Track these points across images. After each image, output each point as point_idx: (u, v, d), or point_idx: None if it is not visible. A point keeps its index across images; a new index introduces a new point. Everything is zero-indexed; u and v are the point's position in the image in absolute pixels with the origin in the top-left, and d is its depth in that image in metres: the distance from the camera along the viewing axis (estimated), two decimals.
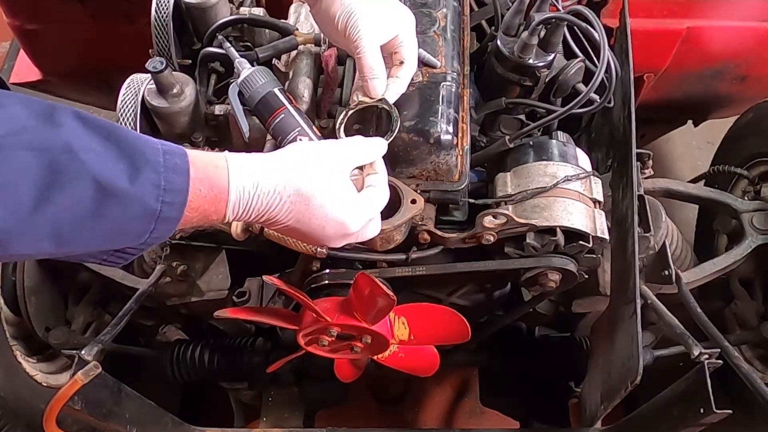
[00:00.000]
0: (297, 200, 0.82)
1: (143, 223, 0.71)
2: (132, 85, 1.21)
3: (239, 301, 1.35)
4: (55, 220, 0.65)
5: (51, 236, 0.66)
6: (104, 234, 0.70)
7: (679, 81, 1.86)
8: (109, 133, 0.69)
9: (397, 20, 1.03)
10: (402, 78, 1.05)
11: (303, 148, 0.87)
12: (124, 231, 0.71)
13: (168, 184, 0.71)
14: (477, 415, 2.00)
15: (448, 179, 1.12)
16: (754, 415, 1.36)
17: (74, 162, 0.64)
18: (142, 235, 0.72)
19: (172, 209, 0.72)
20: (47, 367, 1.63)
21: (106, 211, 0.67)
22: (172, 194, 0.71)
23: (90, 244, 0.70)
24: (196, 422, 1.34)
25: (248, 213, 0.80)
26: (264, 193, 0.80)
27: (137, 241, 0.73)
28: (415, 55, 1.07)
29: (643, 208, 1.25)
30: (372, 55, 1.00)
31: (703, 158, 2.47)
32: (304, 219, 0.83)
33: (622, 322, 1.12)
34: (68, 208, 0.65)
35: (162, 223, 0.72)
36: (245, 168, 0.79)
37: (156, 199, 0.70)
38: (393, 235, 1.09)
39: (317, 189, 0.83)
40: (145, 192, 0.69)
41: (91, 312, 1.68)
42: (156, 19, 1.26)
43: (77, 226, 0.67)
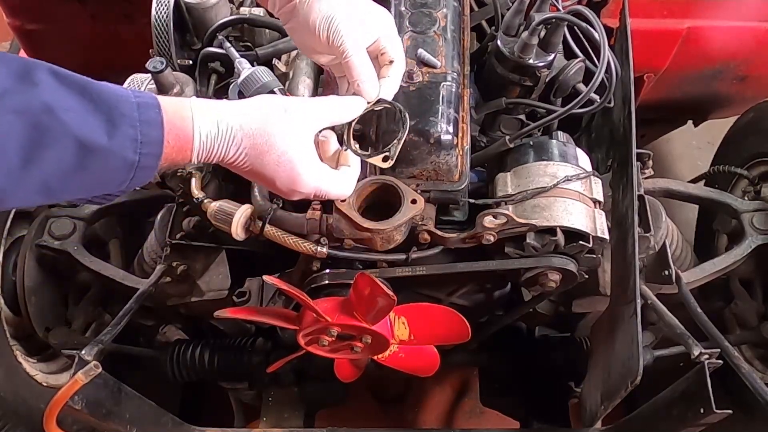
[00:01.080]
0: (255, 142, 0.85)
1: (123, 173, 0.77)
2: (132, 85, 1.21)
3: (239, 301, 1.35)
4: (43, 176, 0.72)
5: (41, 191, 0.73)
6: (89, 184, 0.77)
7: (679, 81, 1.86)
8: (84, 89, 0.74)
9: (376, 21, 1.01)
10: (393, 77, 1.02)
11: (271, 99, 0.90)
12: (107, 181, 0.78)
13: (144, 137, 0.76)
14: (477, 415, 2.00)
15: (449, 179, 1.12)
16: (754, 415, 1.36)
17: (55, 121, 0.70)
18: (123, 183, 0.78)
19: (149, 159, 0.77)
20: (47, 367, 1.63)
21: (89, 165, 0.73)
22: (149, 146, 0.77)
23: (77, 193, 0.78)
24: (196, 422, 1.34)
25: (211, 155, 0.83)
26: (226, 133, 0.83)
27: (119, 187, 0.80)
28: (401, 52, 1.04)
29: (643, 208, 1.25)
30: (359, 58, 0.97)
31: (703, 158, 2.47)
32: (262, 160, 0.86)
33: (622, 322, 1.12)
34: (54, 165, 0.71)
35: (141, 172, 0.78)
36: (208, 113, 0.83)
37: (134, 152, 0.76)
38: (393, 235, 1.09)
39: (278, 129, 0.86)
40: (124, 146, 0.75)
41: (91, 312, 1.68)
42: (156, 19, 1.26)
43: (63, 179, 0.73)
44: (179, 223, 1.36)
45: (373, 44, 1.01)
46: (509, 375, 1.60)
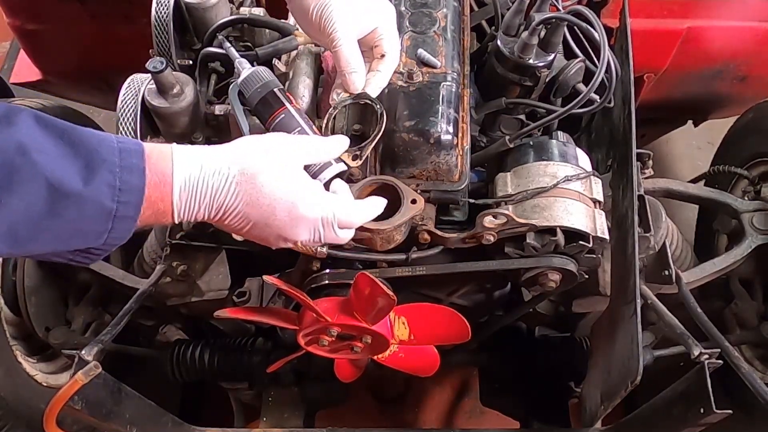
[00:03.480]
0: (242, 180, 0.79)
1: (101, 223, 0.71)
2: (132, 85, 1.21)
3: (239, 301, 1.35)
4: (9, 221, 0.66)
5: (6, 237, 0.67)
6: (62, 234, 0.70)
7: (679, 81, 1.86)
8: (64, 133, 0.70)
9: (375, 12, 1.00)
10: (383, 72, 1.02)
11: (252, 139, 0.85)
12: (82, 231, 0.72)
13: (123, 184, 0.71)
14: (477, 415, 2.00)
15: (449, 179, 1.12)
16: (754, 415, 1.36)
17: (27, 163, 0.65)
18: (101, 235, 0.73)
19: (128, 208, 0.72)
20: (47, 367, 1.63)
21: (62, 212, 0.68)
22: (128, 194, 0.72)
23: (49, 244, 0.71)
24: (196, 422, 1.34)
25: (195, 200, 0.78)
26: (208, 174, 0.78)
27: (97, 240, 0.73)
28: (396, 47, 1.03)
29: (643, 208, 1.25)
30: (348, 48, 0.95)
31: (703, 158, 2.47)
32: (253, 200, 0.80)
33: (622, 322, 1.12)
34: (21, 209, 0.66)
35: (119, 222, 0.72)
36: (189, 155, 0.78)
37: (112, 200, 0.70)
38: (393, 235, 1.09)
39: (263, 166, 0.80)
40: (101, 192, 0.70)
41: (91, 312, 1.68)
42: (156, 19, 1.26)
43: (33, 226, 0.68)
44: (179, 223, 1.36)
45: (368, 35, 0.99)
46: (509, 375, 1.60)
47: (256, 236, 0.85)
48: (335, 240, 0.90)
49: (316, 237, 0.87)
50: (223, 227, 0.84)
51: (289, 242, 0.88)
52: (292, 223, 0.84)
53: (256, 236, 0.85)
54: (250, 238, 0.86)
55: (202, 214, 0.80)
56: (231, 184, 0.79)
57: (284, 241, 0.87)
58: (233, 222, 0.82)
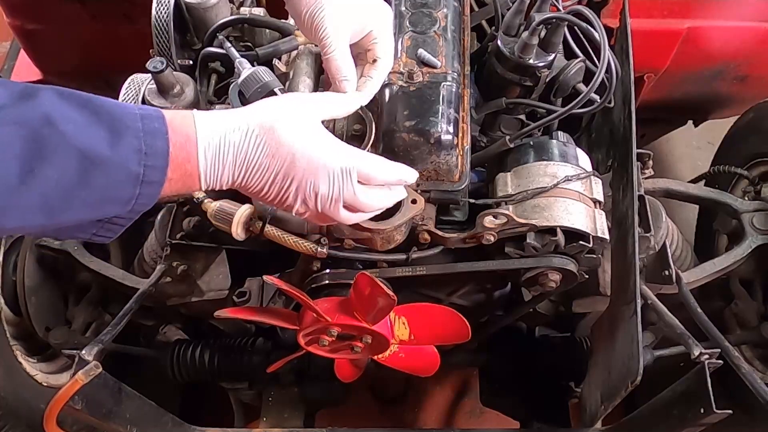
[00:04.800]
0: (262, 132, 0.81)
1: (129, 189, 0.73)
2: (132, 85, 1.21)
3: (239, 301, 1.35)
4: (42, 191, 0.67)
5: (41, 208, 0.68)
6: (92, 202, 0.72)
7: (679, 81, 1.86)
8: (87, 102, 0.72)
9: (370, 15, 0.98)
10: (375, 78, 1.00)
11: (269, 99, 0.88)
12: (111, 197, 0.73)
13: (148, 148, 0.73)
14: (477, 415, 2.00)
15: (449, 179, 1.12)
16: (754, 415, 1.36)
17: (55, 134, 0.67)
18: (129, 201, 0.74)
19: (154, 172, 0.73)
20: (47, 367, 1.63)
21: (92, 179, 0.69)
22: (154, 158, 0.73)
23: (80, 212, 0.72)
24: (196, 422, 1.34)
25: (219, 160, 0.79)
26: (230, 131, 0.79)
27: (125, 207, 0.75)
28: (390, 52, 1.02)
29: (644, 208, 1.25)
30: (340, 54, 0.95)
31: (703, 158, 2.47)
32: (273, 151, 0.81)
33: (622, 322, 1.12)
34: (54, 178, 0.67)
35: (147, 187, 0.74)
36: (210, 116, 0.80)
37: (138, 164, 0.72)
38: (393, 235, 1.09)
39: (281, 118, 0.82)
40: (128, 157, 0.71)
41: (91, 312, 1.68)
42: (156, 19, 1.26)
43: (65, 195, 0.69)
44: (179, 223, 1.36)
45: (362, 38, 0.99)
46: (509, 375, 1.60)
47: (277, 195, 0.85)
48: (353, 200, 0.88)
49: (335, 190, 0.86)
50: (247, 191, 0.85)
51: (309, 201, 0.86)
52: (312, 172, 0.84)
53: (277, 195, 0.85)
54: (272, 201, 0.86)
55: (227, 175, 0.81)
56: (251, 137, 0.81)
57: (304, 199, 0.86)
58: (256, 178, 0.83)
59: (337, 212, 0.89)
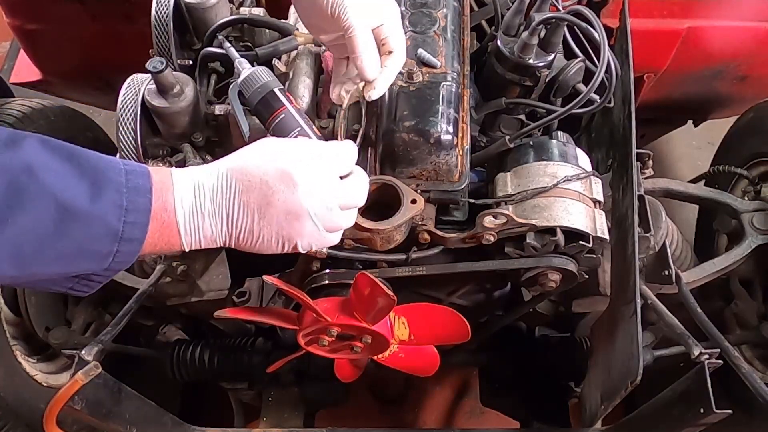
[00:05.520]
0: (234, 171, 0.79)
1: (106, 244, 0.71)
2: (132, 85, 1.21)
3: (239, 301, 1.35)
4: (15, 241, 0.65)
5: (12, 257, 0.66)
6: (67, 255, 0.69)
7: (679, 81, 1.86)
8: (71, 154, 0.70)
9: (383, 9, 1.00)
10: (391, 67, 1.02)
11: (244, 147, 0.85)
12: (88, 252, 0.71)
13: (130, 204, 0.71)
14: (477, 415, 2.00)
15: (448, 179, 1.12)
16: (754, 415, 1.36)
17: (34, 182, 0.65)
18: (107, 258, 0.72)
19: (135, 229, 0.72)
20: (47, 367, 1.63)
21: (68, 232, 0.67)
22: (135, 214, 0.71)
23: (53, 265, 0.70)
24: (196, 422, 1.34)
25: (198, 209, 0.77)
26: (204, 177, 0.78)
27: (102, 264, 0.72)
28: (403, 45, 1.03)
29: (643, 208, 1.25)
30: (363, 33, 0.96)
31: (703, 158, 2.47)
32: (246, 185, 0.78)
33: (622, 322, 1.12)
34: (29, 228, 0.65)
35: (125, 245, 0.72)
36: (186, 171, 0.79)
37: (118, 220, 0.70)
38: (393, 235, 1.09)
39: (251, 155, 0.81)
40: (107, 212, 0.69)
41: (91, 312, 1.68)
42: (156, 19, 1.26)
43: (39, 246, 0.67)
44: None
45: (376, 29, 1.00)
46: (509, 375, 1.60)
47: (267, 238, 0.82)
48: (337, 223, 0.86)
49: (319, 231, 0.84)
50: (236, 243, 0.83)
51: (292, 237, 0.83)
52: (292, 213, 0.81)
53: (266, 238, 0.82)
54: (262, 247, 0.84)
55: (208, 225, 0.79)
56: (223, 178, 0.79)
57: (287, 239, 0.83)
58: (237, 222, 0.80)
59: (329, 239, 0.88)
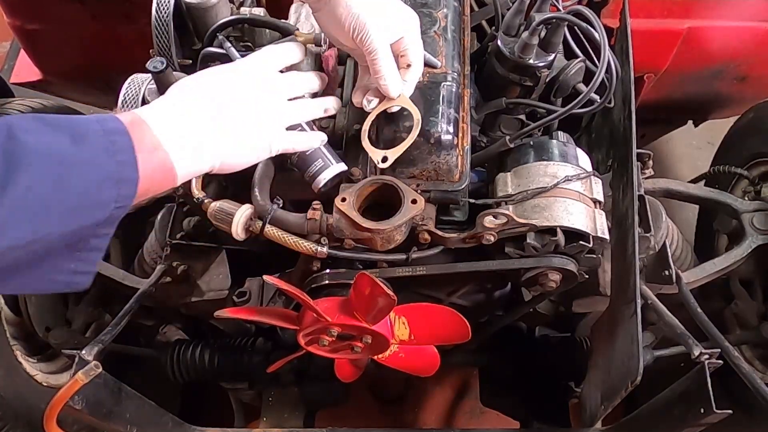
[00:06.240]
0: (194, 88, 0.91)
1: (105, 189, 0.73)
2: (132, 85, 1.21)
3: (239, 301, 1.35)
4: (21, 202, 0.67)
5: (22, 219, 0.67)
6: (72, 208, 0.71)
7: (679, 81, 1.86)
8: (40, 117, 0.73)
9: (402, 21, 1.02)
10: (410, 81, 1.05)
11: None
12: (90, 202, 0.72)
13: (113, 145, 0.74)
14: (477, 415, 2.00)
15: (449, 179, 1.12)
16: (754, 415, 1.36)
17: (19, 145, 0.68)
18: (108, 204, 0.74)
19: (127, 168, 0.75)
20: (47, 367, 1.63)
21: (67, 183, 0.70)
22: (122, 154, 0.74)
23: (61, 222, 0.71)
24: (196, 422, 1.34)
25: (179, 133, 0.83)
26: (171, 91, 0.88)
27: (105, 211, 0.74)
28: (421, 57, 1.06)
29: (644, 208, 1.25)
30: (384, 55, 0.99)
31: (703, 158, 2.47)
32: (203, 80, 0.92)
33: (622, 322, 1.12)
34: (29, 186, 0.67)
35: (124, 186, 0.74)
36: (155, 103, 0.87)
37: (109, 161, 0.73)
38: (393, 235, 1.09)
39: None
40: (96, 155, 0.72)
41: (91, 312, 1.68)
42: (156, 18, 1.26)
43: (44, 202, 0.69)
44: (179, 223, 1.36)
45: (395, 43, 1.02)
46: (509, 375, 1.60)
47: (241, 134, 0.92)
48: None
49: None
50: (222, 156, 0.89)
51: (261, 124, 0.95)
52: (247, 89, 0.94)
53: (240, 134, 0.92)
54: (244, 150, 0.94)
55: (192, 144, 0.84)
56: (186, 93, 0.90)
57: (256, 128, 0.94)
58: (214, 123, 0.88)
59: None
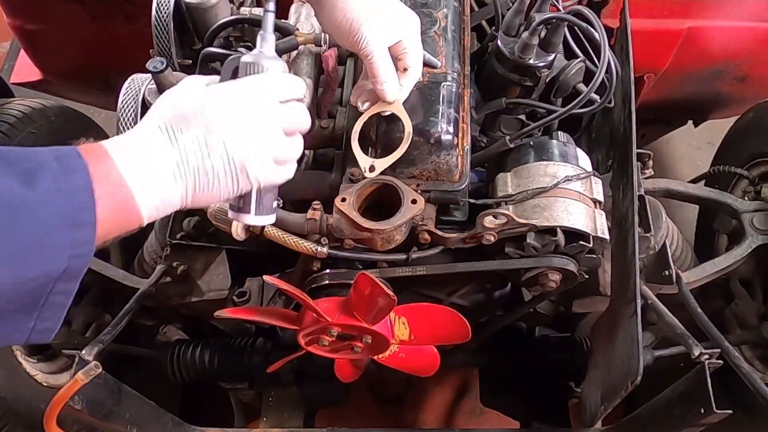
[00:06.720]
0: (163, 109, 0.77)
1: (60, 233, 0.65)
2: (132, 85, 1.21)
3: (239, 301, 1.35)
4: None
5: None
6: (23, 251, 0.63)
7: (679, 81, 1.86)
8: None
9: (402, 23, 1.02)
10: (405, 86, 1.05)
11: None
12: (43, 246, 0.64)
13: (68, 185, 0.66)
14: (477, 415, 2.00)
15: (449, 179, 1.12)
16: (754, 415, 1.36)
17: None
18: (63, 250, 0.65)
19: (83, 211, 0.66)
20: (47, 367, 1.63)
21: (16, 225, 0.62)
22: (78, 194, 0.66)
23: (11, 269, 0.63)
24: (196, 422, 1.34)
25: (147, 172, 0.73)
26: (139, 127, 0.75)
27: (61, 258, 0.65)
28: (419, 62, 1.05)
29: (644, 208, 1.25)
30: (381, 59, 0.98)
31: (703, 158, 2.48)
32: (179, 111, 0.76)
33: (622, 322, 1.12)
34: None
35: (79, 231, 0.66)
36: (120, 138, 0.74)
37: (63, 201, 0.65)
38: (393, 235, 1.09)
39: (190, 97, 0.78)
40: (49, 197, 0.64)
41: (91, 312, 1.68)
42: (156, 19, 1.26)
43: None
44: (179, 223, 1.36)
45: (394, 46, 1.01)
46: (509, 375, 1.60)
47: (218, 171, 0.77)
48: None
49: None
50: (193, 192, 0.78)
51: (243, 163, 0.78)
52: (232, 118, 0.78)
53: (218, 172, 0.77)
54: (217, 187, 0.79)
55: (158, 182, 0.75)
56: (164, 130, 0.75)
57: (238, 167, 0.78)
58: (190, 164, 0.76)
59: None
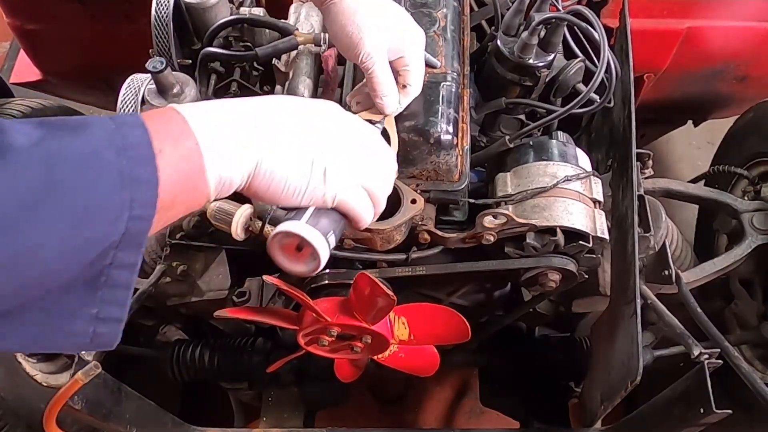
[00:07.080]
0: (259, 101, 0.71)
1: (113, 191, 0.55)
2: (132, 85, 1.21)
3: (239, 301, 1.35)
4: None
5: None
6: (68, 211, 0.53)
7: (679, 81, 1.86)
8: (41, 119, 0.56)
9: (406, 38, 1.00)
10: (402, 103, 1.04)
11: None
12: (94, 205, 0.54)
13: (123, 138, 0.56)
14: (477, 415, 2.00)
15: (448, 179, 1.12)
16: (754, 415, 1.36)
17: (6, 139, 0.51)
18: (121, 211, 0.55)
19: (140, 165, 0.56)
20: (47, 367, 1.63)
21: (57, 181, 0.52)
22: (135, 147, 0.56)
23: (55, 228, 0.53)
24: (196, 422, 1.34)
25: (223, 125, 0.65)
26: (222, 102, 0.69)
27: (118, 221, 0.55)
28: (420, 79, 1.04)
29: (643, 208, 1.25)
30: (381, 72, 0.98)
31: (703, 158, 2.47)
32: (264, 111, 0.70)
33: (622, 322, 1.12)
34: (10, 187, 0.50)
35: (138, 189, 0.56)
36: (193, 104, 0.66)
37: (116, 154, 0.55)
38: (393, 235, 1.09)
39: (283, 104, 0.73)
40: (99, 147, 0.54)
41: None
42: (156, 18, 1.26)
43: (31, 206, 0.51)
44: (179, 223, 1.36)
45: (395, 60, 1.00)
46: (509, 375, 1.60)
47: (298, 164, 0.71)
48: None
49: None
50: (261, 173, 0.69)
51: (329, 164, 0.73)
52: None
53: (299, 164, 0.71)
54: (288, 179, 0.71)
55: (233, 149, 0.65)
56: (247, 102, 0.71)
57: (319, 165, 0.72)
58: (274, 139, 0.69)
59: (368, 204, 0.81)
